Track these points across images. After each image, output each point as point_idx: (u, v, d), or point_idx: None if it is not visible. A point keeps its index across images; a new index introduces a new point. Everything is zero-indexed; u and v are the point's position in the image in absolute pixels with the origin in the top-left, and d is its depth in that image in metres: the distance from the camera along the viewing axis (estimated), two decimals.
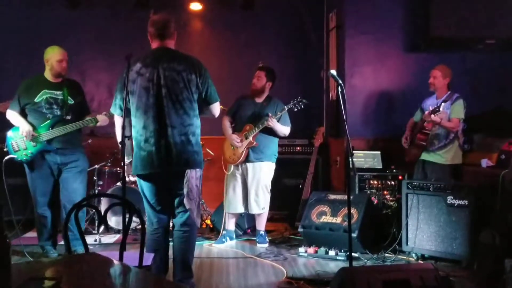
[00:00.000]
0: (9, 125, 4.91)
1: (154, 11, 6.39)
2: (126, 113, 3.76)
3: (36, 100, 4.80)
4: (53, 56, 4.84)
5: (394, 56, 6.26)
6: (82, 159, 5.03)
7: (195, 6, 7.30)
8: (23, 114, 4.86)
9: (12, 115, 4.85)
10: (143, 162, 3.76)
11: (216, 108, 4.00)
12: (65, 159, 4.90)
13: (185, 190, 3.81)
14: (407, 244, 5.05)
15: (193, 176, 3.84)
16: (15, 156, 4.82)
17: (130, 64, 3.74)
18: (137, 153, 3.79)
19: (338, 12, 6.57)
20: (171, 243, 4.04)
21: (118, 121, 3.92)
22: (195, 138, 3.84)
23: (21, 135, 4.77)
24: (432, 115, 5.02)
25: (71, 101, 4.91)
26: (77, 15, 7.26)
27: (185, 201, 3.82)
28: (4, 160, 4.78)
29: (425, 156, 5.40)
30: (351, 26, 6.26)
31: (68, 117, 4.86)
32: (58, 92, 4.87)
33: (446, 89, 5.36)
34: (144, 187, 3.87)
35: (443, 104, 5.11)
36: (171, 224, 4.08)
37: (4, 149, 4.89)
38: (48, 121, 4.80)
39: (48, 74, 4.91)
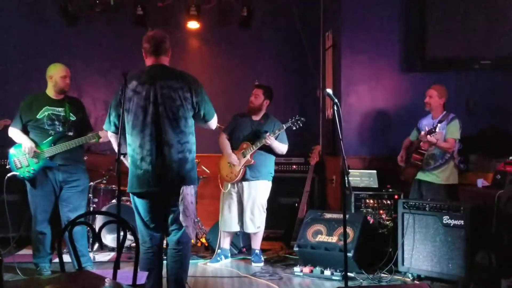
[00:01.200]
0: (10, 142, 4.88)
1: (151, 29, 6.42)
2: (122, 131, 3.74)
3: (38, 116, 4.79)
4: (57, 72, 4.86)
5: (390, 76, 6.29)
6: (84, 177, 5.02)
7: (193, 25, 7.32)
8: (25, 131, 4.84)
9: (14, 133, 4.83)
10: (139, 180, 3.74)
11: (214, 123, 4.02)
12: (66, 176, 4.87)
13: (181, 208, 3.77)
14: (403, 264, 5.02)
15: (188, 192, 3.81)
16: (17, 173, 4.79)
17: (126, 81, 3.73)
18: (133, 172, 3.77)
19: (335, 31, 6.61)
20: (164, 262, 4.00)
21: (112, 138, 3.92)
22: (191, 155, 3.83)
23: (23, 152, 4.75)
24: (428, 136, 5.03)
25: (73, 118, 4.91)
26: (74, 32, 7.30)
27: (181, 218, 3.78)
28: (6, 177, 4.75)
29: (420, 175, 5.39)
30: (347, 45, 6.29)
31: (70, 133, 4.86)
32: (60, 109, 4.87)
33: (442, 109, 5.38)
34: (139, 204, 3.84)
35: (439, 124, 5.12)
36: (164, 242, 4.04)
37: (7, 166, 4.87)
38: (51, 137, 4.79)
39: (50, 91, 4.91)
